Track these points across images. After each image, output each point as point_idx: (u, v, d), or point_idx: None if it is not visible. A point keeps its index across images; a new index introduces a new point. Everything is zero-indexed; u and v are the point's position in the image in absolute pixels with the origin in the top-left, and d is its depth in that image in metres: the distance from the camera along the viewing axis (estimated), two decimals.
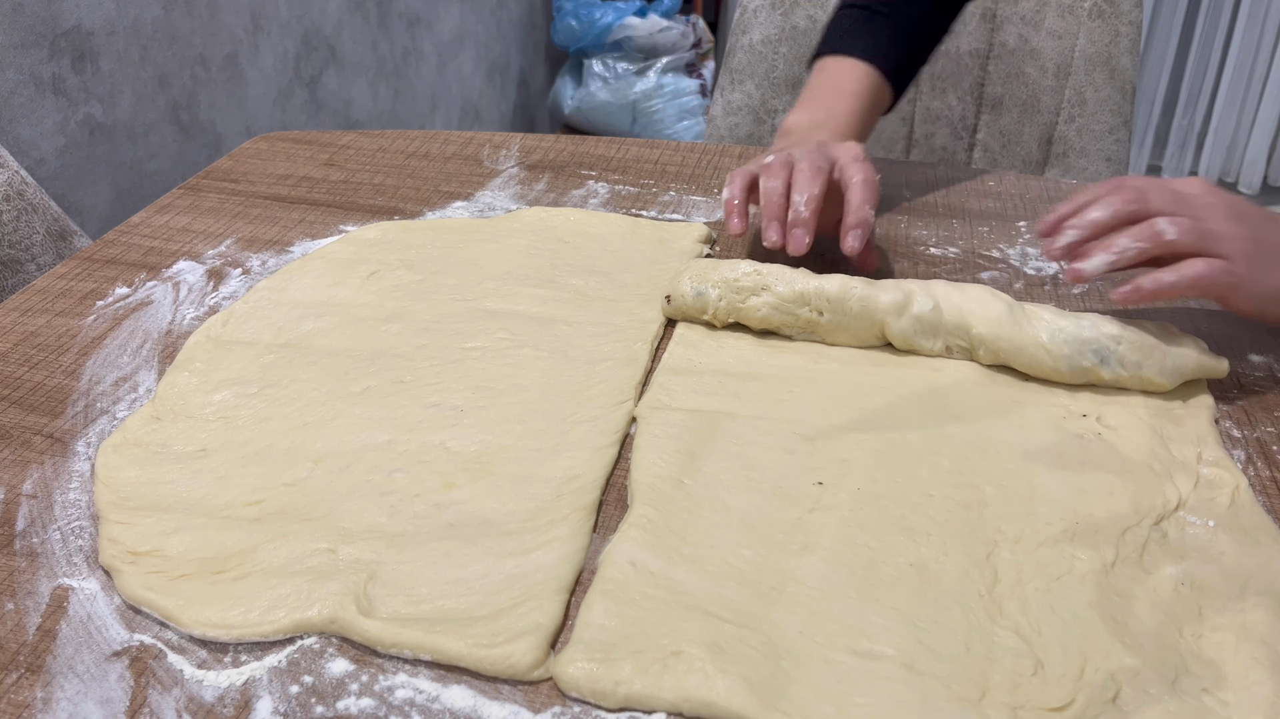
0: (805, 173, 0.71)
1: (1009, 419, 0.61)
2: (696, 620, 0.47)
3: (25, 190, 0.91)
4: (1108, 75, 1.20)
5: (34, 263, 0.90)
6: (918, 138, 1.29)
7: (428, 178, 0.92)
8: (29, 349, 0.67)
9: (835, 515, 0.53)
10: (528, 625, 0.46)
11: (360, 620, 0.46)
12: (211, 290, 0.75)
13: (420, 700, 0.44)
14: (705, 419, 0.60)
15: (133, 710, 0.44)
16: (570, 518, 0.53)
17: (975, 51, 1.23)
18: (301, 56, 1.80)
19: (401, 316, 0.70)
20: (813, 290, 0.66)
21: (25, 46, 1.23)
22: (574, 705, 0.44)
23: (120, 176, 1.40)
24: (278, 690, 0.45)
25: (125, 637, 0.47)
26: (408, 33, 2.17)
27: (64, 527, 0.53)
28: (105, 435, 0.60)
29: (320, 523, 0.53)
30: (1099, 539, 0.52)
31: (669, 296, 0.69)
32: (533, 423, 0.60)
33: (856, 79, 0.84)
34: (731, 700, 0.43)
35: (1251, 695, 0.44)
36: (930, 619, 0.47)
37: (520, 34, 2.75)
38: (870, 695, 0.44)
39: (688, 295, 0.68)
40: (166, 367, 0.66)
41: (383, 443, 0.58)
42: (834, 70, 0.85)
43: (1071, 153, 1.23)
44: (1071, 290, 0.75)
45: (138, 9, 1.39)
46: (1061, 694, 0.44)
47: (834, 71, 0.85)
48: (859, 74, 0.84)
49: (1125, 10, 1.18)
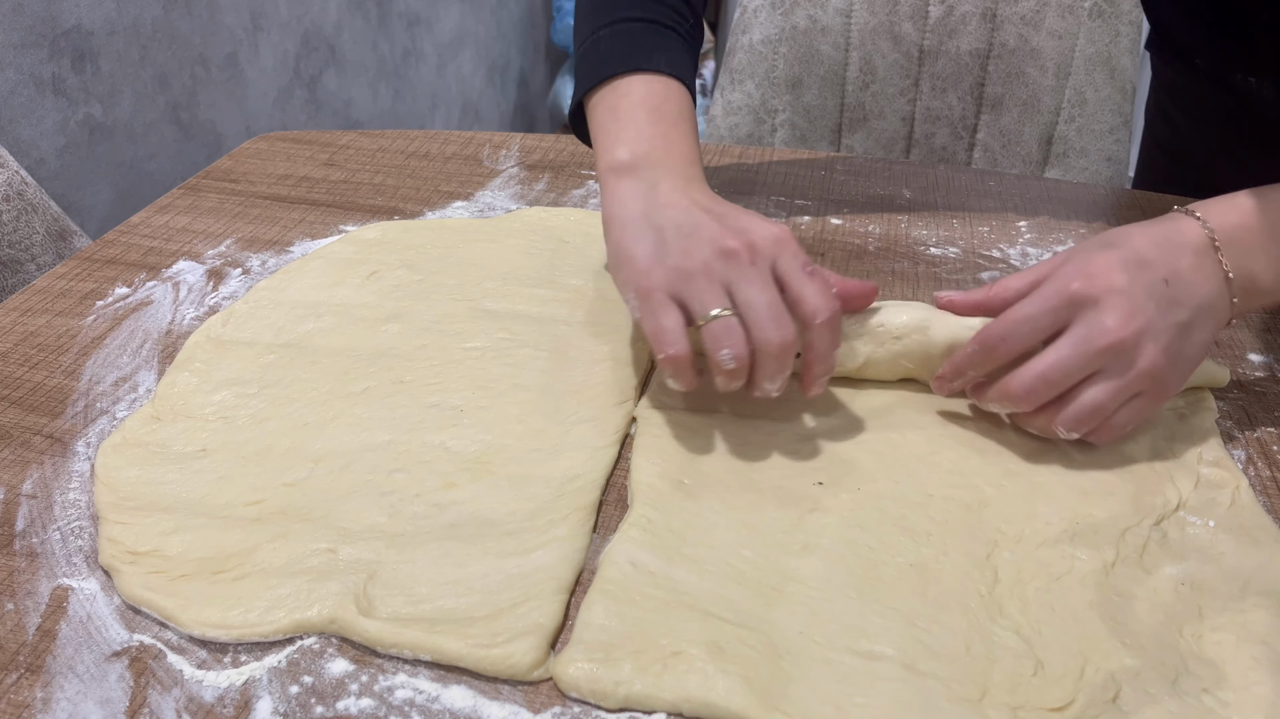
0: (773, 345, 0.55)
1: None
2: (696, 620, 0.47)
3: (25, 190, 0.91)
4: (1108, 75, 1.20)
5: (34, 263, 0.90)
6: (918, 138, 1.29)
7: (428, 178, 0.92)
8: (29, 349, 0.67)
9: (835, 515, 0.53)
10: (528, 625, 0.46)
11: (360, 620, 0.46)
12: (211, 290, 0.75)
13: (420, 701, 0.44)
14: (705, 419, 0.60)
15: (132, 710, 0.44)
16: (570, 518, 0.53)
17: (975, 51, 1.23)
18: (301, 56, 1.80)
19: (401, 316, 0.70)
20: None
21: (25, 46, 1.23)
22: (574, 706, 0.44)
23: (120, 176, 1.40)
24: (277, 691, 0.45)
25: (125, 637, 0.47)
26: (408, 33, 2.17)
27: (64, 527, 0.53)
28: (105, 435, 0.60)
29: (320, 523, 0.53)
30: (1099, 539, 0.52)
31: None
32: (533, 423, 0.60)
33: (677, 100, 0.66)
34: (731, 700, 0.43)
35: (1252, 695, 0.44)
36: (930, 619, 0.47)
37: (520, 34, 2.75)
38: (870, 695, 0.44)
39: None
40: (166, 367, 0.66)
41: (383, 443, 0.58)
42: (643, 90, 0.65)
43: (1072, 153, 1.23)
44: None
45: (138, 9, 1.39)
46: (1062, 694, 0.44)
47: (644, 92, 0.65)
48: (676, 94, 0.66)
49: (1125, 10, 1.18)
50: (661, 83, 0.65)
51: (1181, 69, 0.94)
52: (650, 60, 0.66)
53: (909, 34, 1.24)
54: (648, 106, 0.64)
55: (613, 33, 0.68)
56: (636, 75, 0.66)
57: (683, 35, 0.70)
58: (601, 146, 0.64)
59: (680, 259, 0.57)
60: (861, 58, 1.25)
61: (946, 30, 1.23)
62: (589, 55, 0.69)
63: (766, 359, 0.55)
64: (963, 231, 0.83)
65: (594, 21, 0.70)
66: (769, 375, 0.56)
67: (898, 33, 1.24)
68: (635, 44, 0.67)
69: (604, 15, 0.70)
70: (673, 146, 0.63)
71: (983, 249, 0.81)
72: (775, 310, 0.55)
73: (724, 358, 0.55)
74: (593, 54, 0.68)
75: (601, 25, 0.69)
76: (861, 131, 1.29)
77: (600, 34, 0.69)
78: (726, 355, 0.55)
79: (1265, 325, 0.72)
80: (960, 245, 0.81)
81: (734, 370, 0.55)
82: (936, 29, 1.23)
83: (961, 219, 0.85)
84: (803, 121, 1.29)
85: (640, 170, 0.61)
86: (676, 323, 0.56)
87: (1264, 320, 0.72)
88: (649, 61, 0.66)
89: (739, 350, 0.55)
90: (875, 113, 1.28)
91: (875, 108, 1.28)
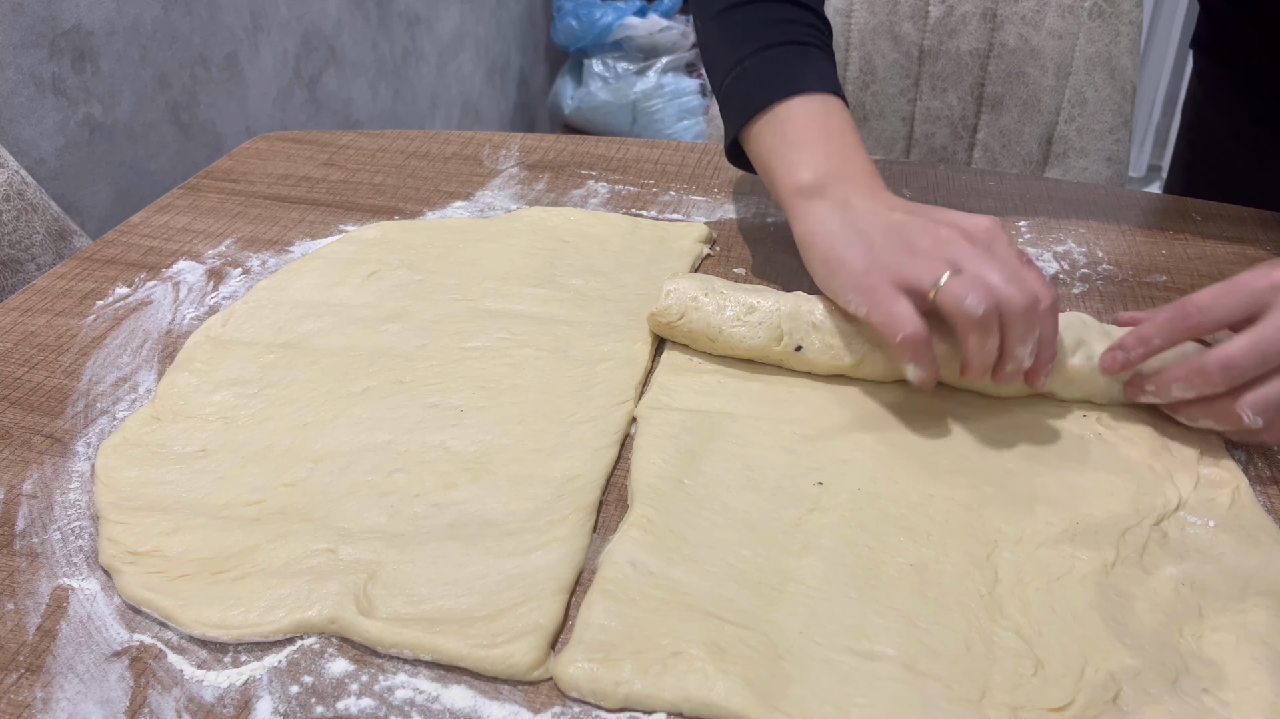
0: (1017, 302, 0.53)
1: (1009, 419, 0.61)
2: (696, 620, 0.47)
3: (25, 190, 0.91)
4: (1108, 75, 1.20)
5: (34, 263, 0.90)
6: (918, 138, 1.29)
7: (428, 178, 0.92)
8: (29, 349, 0.67)
9: (835, 515, 0.53)
10: (528, 625, 0.46)
11: (360, 620, 0.46)
12: (211, 290, 0.75)
13: (420, 700, 0.44)
14: (705, 419, 0.60)
15: (132, 710, 0.44)
16: (570, 518, 0.53)
17: (975, 51, 1.23)
18: (301, 56, 1.80)
19: (401, 316, 0.70)
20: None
21: (25, 46, 1.23)
22: (574, 706, 0.44)
23: (120, 176, 1.40)
24: (278, 691, 0.45)
25: (125, 637, 0.47)
26: (408, 33, 2.17)
27: (64, 527, 0.53)
28: (105, 435, 0.60)
29: (320, 523, 0.53)
30: (1099, 539, 0.52)
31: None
32: (533, 423, 0.60)
33: (840, 116, 0.67)
34: (731, 701, 0.43)
35: (1252, 696, 0.44)
36: (930, 619, 0.47)
37: (520, 34, 2.75)
38: (870, 696, 0.44)
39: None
40: (166, 367, 0.66)
41: (383, 443, 0.58)
42: (804, 112, 0.66)
43: (1072, 153, 1.23)
44: (1072, 291, 0.75)
45: (138, 9, 1.39)
46: (1062, 694, 0.44)
47: (807, 113, 0.66)
48: (837, 110, 0.67)
49: (1125, 10, 1.18)
50: (820, 101, 0.65)
51: (1228, 69, 0.93)
52: (803, 82, 0.66)
53: (909, 34, 1.24)
54: (816, 126, 0.64)
55: (760, 60, 0.68)
56: (794, 99, 0.65)
57: (823, 49, 0.70)
58: (780, 173, 0.63)
59: (897, 253, 0.56)
60: (861, 58, 1.25)
61: (946, 30, 1.23)
62: (737, 89, 0.68)
63: (1013, 318, 0.52)
64: None
65: (736, 53, 0.69)
66: (1019, 337, 0.53)
67: (898, 33, 1.24)
68: (784, 69, 0.67)
69: (745, 45, 0.69)
70: (850, 161, 0.62)
71: None
72: (1009, 270, 0.53)
73: (971, 304, 0.52)
74: (742, 85, 0.68)
75: (746, 55, 0.69)
76: (861, 131, 1.29)
77: (746, 64, 0.68)
78: (974, 301, 0.52)
79: None
80: None
81: (984, 320, 0.52)
82: (936, 29, 1.23)
83: None
84: None
85: (828, 189, 0.61)
86: (907, 307, 0.54)
87: None
88: (802, 83, 0.66)
89: (985, 296, 0.52)
90: (875, 113, 1.28)
91: (875, 108, 1.28)
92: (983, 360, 0.54)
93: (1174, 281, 0.76)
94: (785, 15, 0.70)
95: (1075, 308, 0.73)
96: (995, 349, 0.54)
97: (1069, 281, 0.76)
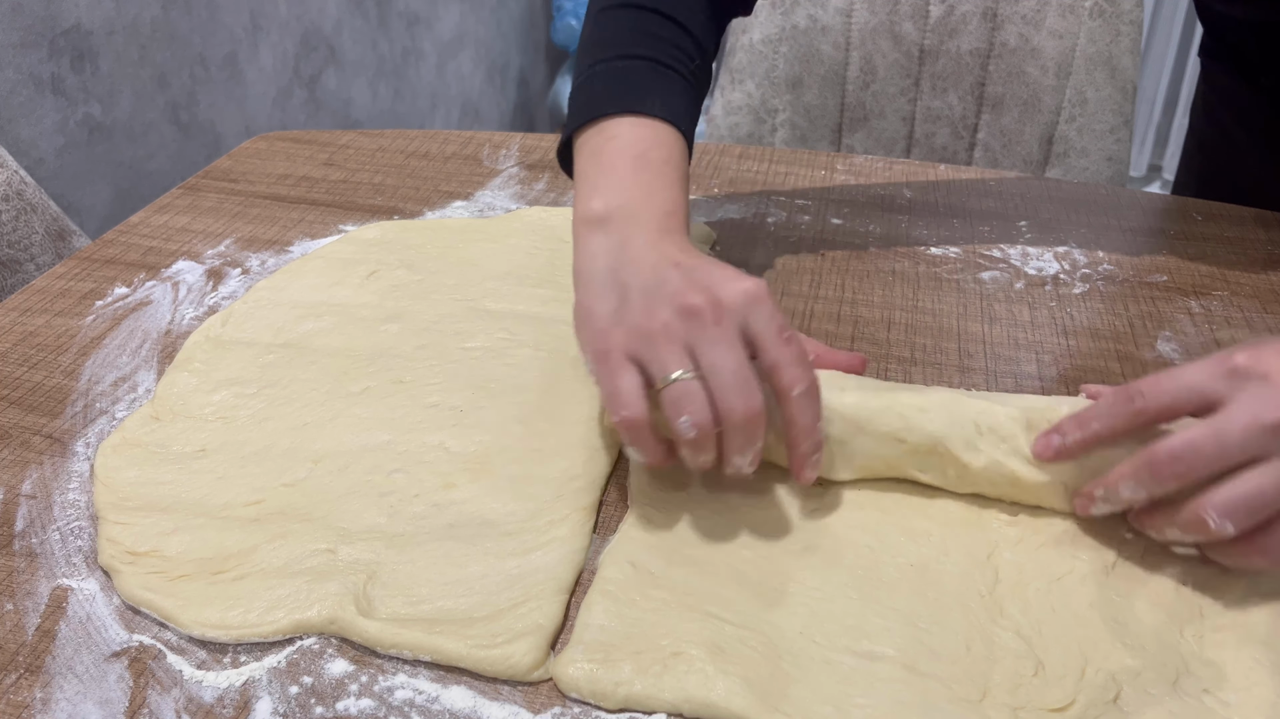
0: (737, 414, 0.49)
1: None
2: (696, 621, 0.47)
3: (24, 190, 0.90)
4: (1108, 75, 1.20)
5: (33, 263, 0.90)
6: (918, 137, 1.29)
7: (427, 177, 0.92)
8: (28, 349, 0.67)
9: (835, 515, 0.53)
10: (527, 626, 0.46)
11: (360, 621, 0.46)
12: (211, 290, 0.74)
13: (420, 701, 0.44)
14: None
15: (132, 711, 0.44)
16: (570, 518, 0.53)
17: (976, 51, 1.23)
18: (301, 56, 1.80)
19: (401, 316, 0.70)
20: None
21: (25, 46, 1.23)
22: (574, 706, 0.44)
23: (119, 176, 1.40)
24: (277, 691, 0.45)
25: (124, 637, 0.47)
26: (407, 32, 2.17)
27: (63, 527, 0.53)
28: (104, 436, 0.60)
29: (320, 523, 0.53)
30: (1100, 539, 0.52)
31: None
32: (532, 423, 0.60)
33: (666, 148, 0.61)
34: (731, 701, 0.43)
35: (1253, 696, 0.44)
36: (931, 620, 0.47)
37: (520, 34, 2.75)
38: (871, 696, 0.43)
39: None
40: (166, 367, 0.66)
41: (382, 443, 0.58)
42: (630, 135, 0.60)
43: (1072, 152, 1.23)
44: (1072, 290, 0.75)
45: (137, 9, 1.39)
46: (1062, 695, 0.44)
47: (631, 137, 0.60)
48: (666, 141, 0.61)
49: (1126, 10, 1.18)
50: (651, 127, 0.61)
51: (1233, 73, 0.93)
52: (643, 103, 0.61)
53: (909, 33, 1.24)
54: (633, 154, 0.59)
55: (609, 69, 0.64)
56: (626, 118, 0.61)
57: (684, 76, 0.65)
58: (579, 195, 0.59)
59: (641, 318, 0.51)
60: (862, 57, 1.25)
61: (947, 30, 1.23)
62: (581, 92, 0.64)
63: (732, 430, 0.49)
64: (963, 231, 0.83)
65: (592, 56, 0.65)
66: (737, 448, 0.50)
67: (898, 32, 1.24)
68: (630, 84, 0.63)
69: (602, 50, 0.65)
70: (652, 198, 0.58)
71: (983, 249, 0.80)
72: (740, 375, 0.49)
73: (683, 426, 0.49)
74: (585, 91, 0.64)
75: (598, 61, 0.64)
76: (862, 131, 1.29)
77: (596, 69, 0.64)
78: (686, 423, 0.49)
79: (1267, 326, 0.72)
80: (960, 245, 0.81)
81: (696, 440, 0.49)
82: (937, 28, 1.23)
83: (961, 219, 0.85)
84: (803, 121, 1.29)
85: (612, 224, 0.56)
86: (633, 385, 0.50)
87: (1265, 322, 0.72)
88: (641, 104, 0.61)
89: (700, 418, 0.49)
90: (875, 112, 1.28)
91: (875, 107, 1.28)
92: (697, 468, 0.52)
93: (1174, 281, 0.76)
94: (657, 30, 0.65)
95: (1076, 307, 0.73)
96: (710, 461, 0.51)
97: (1069, 281, 0.76)
